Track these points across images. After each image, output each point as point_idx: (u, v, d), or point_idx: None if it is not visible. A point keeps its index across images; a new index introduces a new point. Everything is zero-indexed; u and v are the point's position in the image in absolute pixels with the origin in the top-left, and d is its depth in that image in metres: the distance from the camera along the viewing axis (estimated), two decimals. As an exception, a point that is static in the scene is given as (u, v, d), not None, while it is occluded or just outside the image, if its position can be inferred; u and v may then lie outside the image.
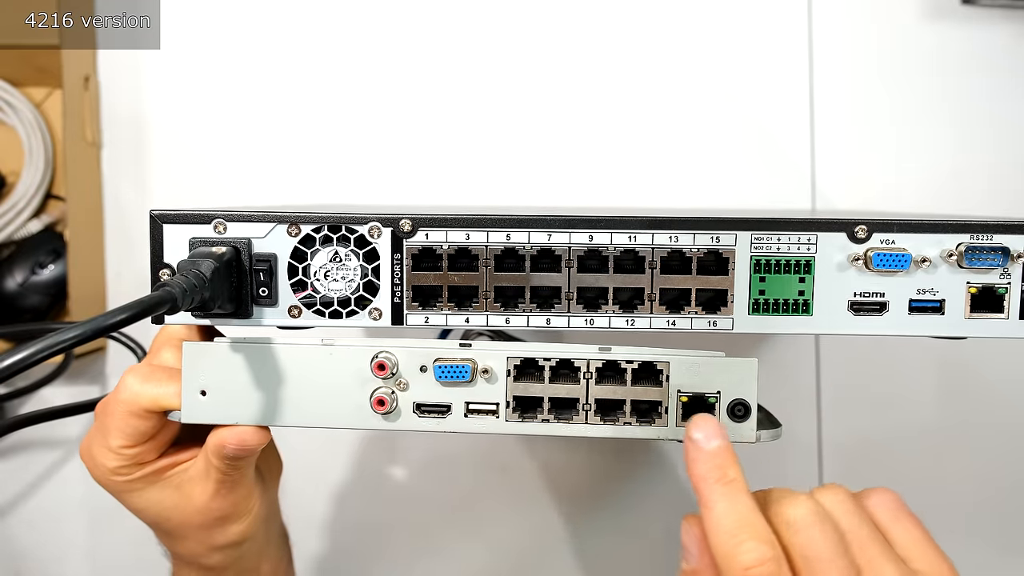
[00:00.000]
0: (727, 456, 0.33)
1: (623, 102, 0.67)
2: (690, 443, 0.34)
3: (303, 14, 0.68)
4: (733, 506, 0.33)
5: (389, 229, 0.37)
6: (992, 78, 0.67)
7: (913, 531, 0.36)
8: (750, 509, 0.33)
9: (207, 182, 0.68)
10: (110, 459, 0.39)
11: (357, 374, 0.37)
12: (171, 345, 0.40)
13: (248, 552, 0.44)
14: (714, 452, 0.33)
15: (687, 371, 0.37)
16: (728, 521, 0.32)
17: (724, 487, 0.33)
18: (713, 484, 0.33)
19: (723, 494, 0.33)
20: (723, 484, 0.33)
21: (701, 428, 0.34)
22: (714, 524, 0.33)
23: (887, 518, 0.36)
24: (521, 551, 0.70)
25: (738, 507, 0.32)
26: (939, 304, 0.37)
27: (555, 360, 0.37)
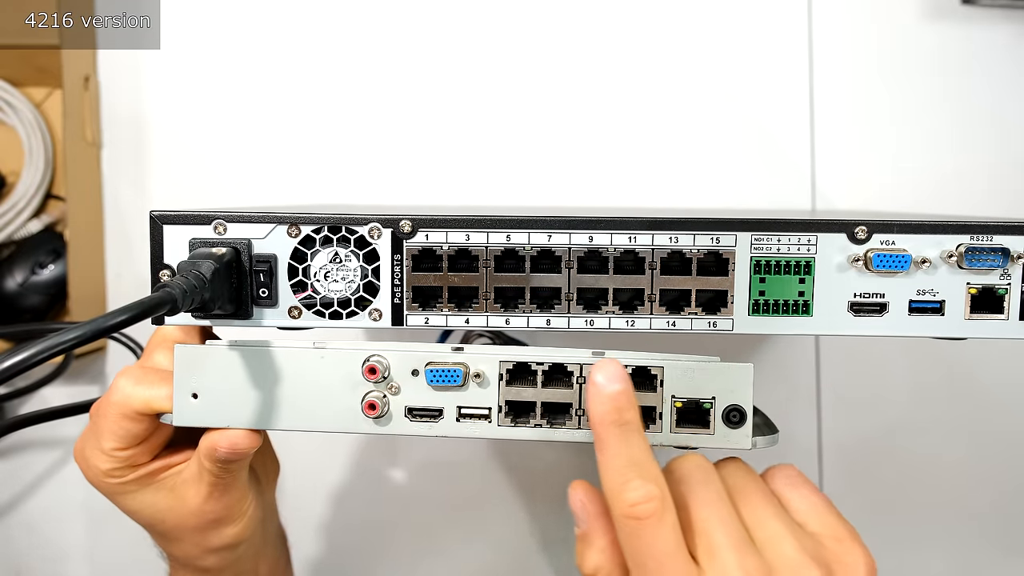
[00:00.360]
0: (625, 399, 0.33)
1: (623, 102, 0.67)
2: (592, 385, 0.34)
3: (303, 14, 0.68)
4: (625, 447, 0.33)
5: (389, 230, 0.37)
6: (992, 78, 0.67)
7: (810, 497, 0.36)
8: (642, 450, 0.33)
9: (207, 182, 0.68)
10: (103, 461, 0.39)
11: (348, 378, 0.37)
12: (164, 347, 0.40)
13: (245, 554, 0.44)
14: (613, 395, 0.33)
15: (681, 376, 0.36)
16: (619, 461, 0.33)
17: (618, 428, 0.33)
18: (608, 425, 0.33)
19: (617, 435, 0.33)
20: (618, 426, 0.33)
21: (603, 371, 0.34)
22: (606, 463, 0.33)
23: (784, 485, 0.37)
24: (521, 551, 0.70)
25: (630, 448, 0.33)
26: (939, 305, 0.37)
27: (548, 364, 0.37)
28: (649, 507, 0.32)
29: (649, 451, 0.33)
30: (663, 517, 0.32)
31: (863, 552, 0.35)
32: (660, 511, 0.32)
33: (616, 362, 0.34)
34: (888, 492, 0.68)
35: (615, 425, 0.33)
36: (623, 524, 0.32)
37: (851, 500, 0.68)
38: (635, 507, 0.32)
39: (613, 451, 0.33)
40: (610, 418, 0.33)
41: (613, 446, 0.33)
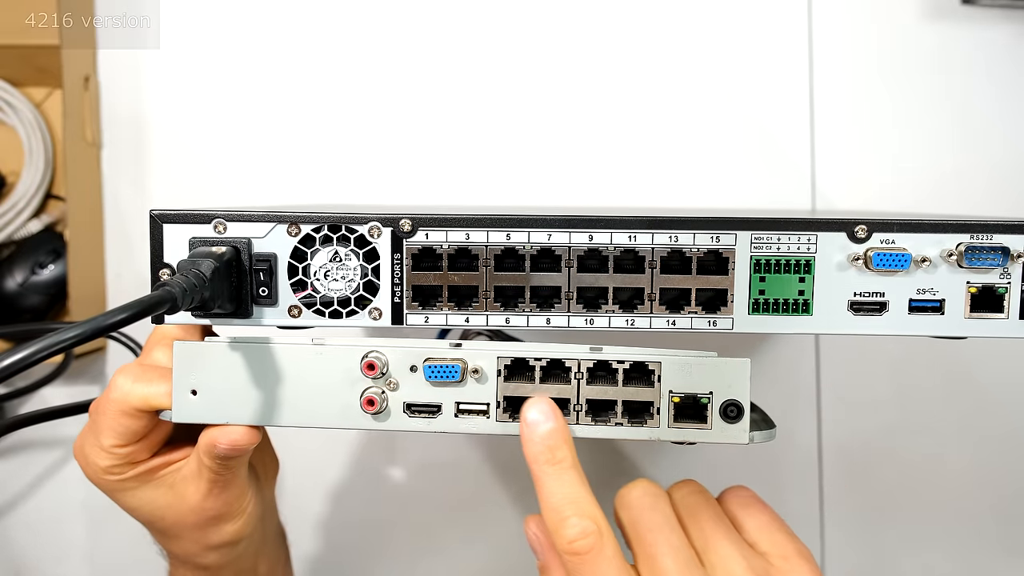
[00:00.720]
0: (557, 437, 0.35)
1: (623, 102, 0.67)
2: (524, 425, 0.35)
3: (303, 14, 0.68)
4: (560, 485, 0.34)
5: (389, 229, 0.37)
6: (992, 78, 0.67)
7: (761, 516, 0.37)
8: (576, 487, 0.34)
9: (207, 182, 0.68)
10: (102, 458, 0.39)
11: (347, 374, 0.37)
12: (163, 344, 0.40)
13: (244, 551, 0.44)
14: (545, 435, 0.35)
15: (679, 371, 0.37)
16: (555, 499, 0.34)
17: (552, 467, 0.34)
18: (543, 465, 0.34)
19: (551, 474, 0.34)
20: (551, 465, 0.34)
21: (534, 409, 0.35)
22: (544, 502, 0.34)
23: (736, 506, 0.38)
24: (520, 551, 0.70)
25: (564, 486, 0.34)
26: (939, 304, 0.37)
27: (546, 360, 0.37)
28: (587, 542, 0.33)
29: (584, 486, 0.34)
30: (602, 550, 0.33)
31: (810, 569, 0.35)
32: (599, 545, 0.33)
33: (546, 399, 0.35)
34: (888, 492, 0.68)
35: (548, 464, 0.34)
36: (566, 560, 0.34)
37: (851, 500, 0.68)
38: (573, 543, 0.33)
39: (549, 489, 0.34)
40: (543, 457, 0.34)
41: (548, 485, 0.34)
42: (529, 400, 0.35)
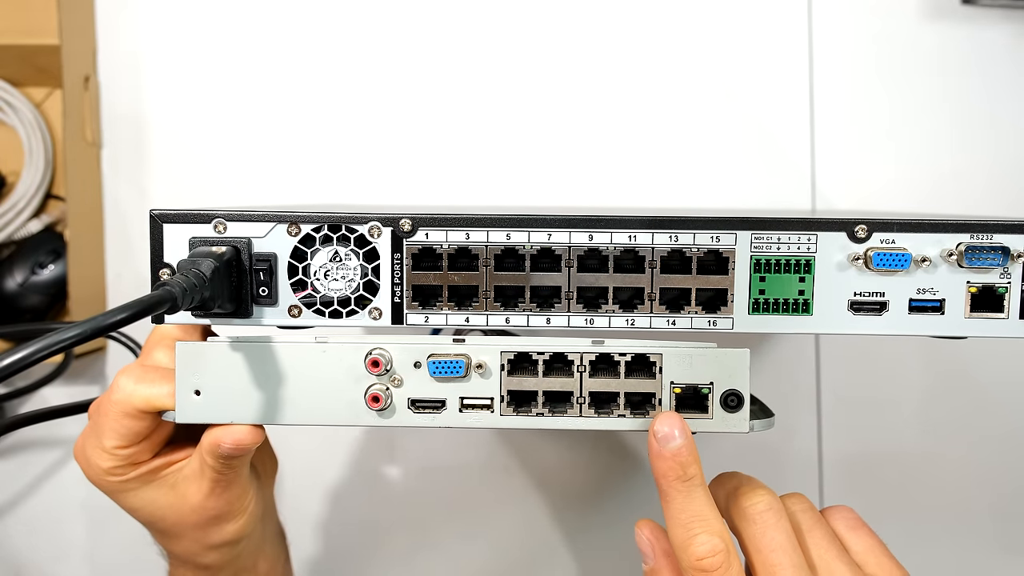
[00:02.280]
0: (687, 455, 0.35)
1: (623, 102, 0.67)
2: (653, 440, 0.36)
3: (303, 14, 0.68)
4: (689, 502, 0.35)
5: (389, 229, 0.37)
6: (992, 78, 0.67)
7: (867, 540, 0.39)
8: (705, 504, 0.35)
9: (207, 182, 0.68)
10: (104, 459, 0.39)
11: (351, 371, 0.37)
12: (164, 345, 0.40)
13: (244, 550, 0.44)
14: (675, 451, 0.35)
15: (680, 363, 0.37)
16: (684, 516, 0.35)
17: (683, 484, 0.35)
18: (673, 481, 0.35)
19: (681, 491, 0.35)
20: (682, 482, 0.35)
21: (665, 424, 0.35)
22: (672, 518, 0.35)
23: (844, 527, 0.39)
24: (519, 550, 0.70)
25: (694, 503, 0.35)
26: (939, 304, 0.37)
27: (548, 354, 0.37)
28: (715, 560, 0.34)
29: (712, 504, 0.35)
30: (728, 570, 0.34)
31: None
32: (726, 564, 0.34)
33: (677, 416, 0.36)
34: (888, 492, 0.68)
35: (679, 481, 0.35)
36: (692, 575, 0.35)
37: (851, 500, 0.68)
38: (702, 561, 0.34)
39: (678, 506, 0.35)
40: (674, 474, 0.35)
41: (678, 502, 0.35)
42: (660, 415, 0.36)
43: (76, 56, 0.65)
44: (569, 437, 0.69)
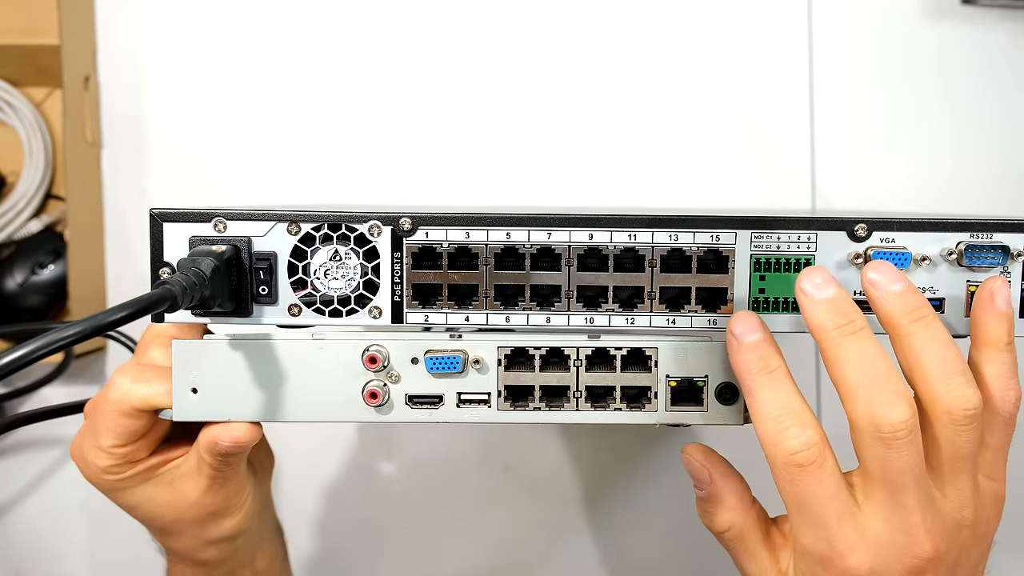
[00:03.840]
0: (768, 347, 0.34)
1: (623, 102, 0.67)
2: (731, 337, 0.34)
3: (303, 13, 0.68)
4: (777, 394, 0.33)
5: (389, 228, 0.37)
6: (992, 78, 0.67)
7: None
8: (794, 396, 0.33)
9: (207, 182, 0.68)
10: (101, 458, 0.39)
11: (349, 367, 0.37)
12: (159, 343, 0.40)
13: (242, 546, 0.44)
14: (754, 344, 0.34)
15: (675, 356, 0.37)
16: (772, 408, 0.33)
17: (767, 376, 0.33)
18: (756, 374, 0.33)
19: (766, 383, 0.33)
20: (765, 374, 0.33)
21: (741, 322, 0.34)
22: (758, 412, 0.33)
23: None
24: (519, 548, 0.70)
25: (781, 395, 0.33)
26: (939, 303, 0.37)
27: (545, 349, 0.37)
28: (810, 453, 0.32)
29: (801, 396, 0.33)
30: (824, 463, 0.32)
31: None
32: (821, 457, 0.32)
33: (752, 314, 0.35)
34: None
35: (763, 373, 0.33)
36: (784, 472, 0.32)
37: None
38: (796, 455, 0.32)
39: (764, 399, 0.33)
40: (756, 366, 0.33)
41: (763, 394, 0.33)
42: (735, 315, 0.35)
43: (76, 56, 0.65)
44: (569, 434, 0.69)
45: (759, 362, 0.33)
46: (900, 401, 0.31)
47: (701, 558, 0.69)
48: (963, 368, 0.32)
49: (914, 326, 0.33)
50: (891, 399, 0.31)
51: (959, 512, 0.33)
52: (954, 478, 0.33)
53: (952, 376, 0.32)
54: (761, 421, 0.33)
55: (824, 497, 0.32)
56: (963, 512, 0.33)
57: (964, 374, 0.32)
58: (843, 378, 0.32)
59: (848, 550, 0.32)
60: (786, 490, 0.33)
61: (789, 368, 0.34)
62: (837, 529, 0.32)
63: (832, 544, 0.32)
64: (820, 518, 0.32)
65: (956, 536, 0.33)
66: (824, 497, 0.32)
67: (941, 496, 0.33)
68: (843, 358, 0.32)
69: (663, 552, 0.69)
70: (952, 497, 0.33)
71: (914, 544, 0.32)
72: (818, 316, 0.33)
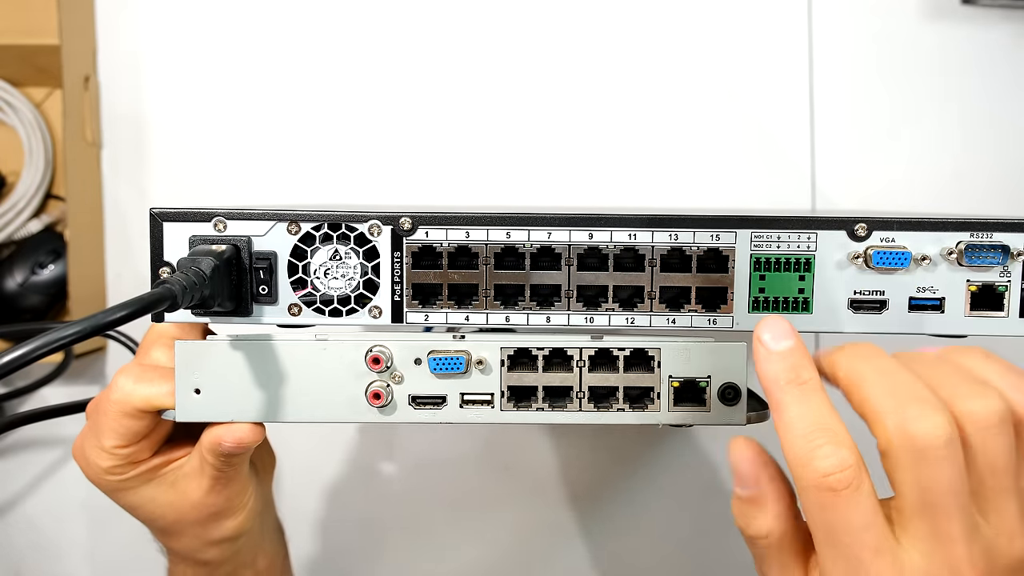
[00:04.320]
0: (800, 357, 0.31)
1: (623, 102, 0.67)
2: (759, 344, 0.31)
3: (303, 13, 0.68)
4: (808, 408, 0.30)
5: (389, 227, 0.37)
6: (992, 78, 0.67)
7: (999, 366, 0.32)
8: (827, 411, 0.30)
9: (207, 182, 0.68)
10: (103, 459, 0.39)
11: (352, 368, 0.37)
12: (161, 344, 0.40)
13: (244, 547, 0.44)
14: (785, 353, 0.31)
15: (678, 357, 0.37)
16: (803, 424, 0.30)
17: (797, 388, 0.30)
18: (785, 386, 0.30)
19: (796, 396, 0.30)
20: (796, 385, 0.30)
21: (770, 328, 0.31)
22: (787, 427, 0.30)
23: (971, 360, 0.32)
24: (518, 548, 0.70)
25: (813, 409, 0.30)
26: (939, 302, 0.37)
27: (548, 349, 0.37)
28: (845, 476, 0.28)
29: (834, 411, 0.30)
30: (860, 487, 0.29)
31: None
32: (857, 480, 0.29)
33: (782, 318, 0.32)
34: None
35: (793, 385, 0.30)
36: (814, 495, 0.29)
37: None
38: (828, 477, 0.28)
39: (794, 414, 0.30)
40: (786, 377, 0.30)
41: (793, 409, 0.30)
42: (763, 320, 0.32)
43: (76, 56, 0.65)
44: (570, 435, 0.69)
45: (789, 372, 0.31)
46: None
47: (701, 559, 0.69)
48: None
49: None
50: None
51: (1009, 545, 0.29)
52: None
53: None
54: (790, 438, 0.30)
55: (859, 527, 0.29)
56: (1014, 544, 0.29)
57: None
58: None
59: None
60: (815, 517, 0.29)
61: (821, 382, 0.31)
62: (872, 564, 0.29)
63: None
64: (853, 551, 0.29)
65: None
66: (859, 527, 0.29)
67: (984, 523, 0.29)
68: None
69: (663, 553, 0.69)
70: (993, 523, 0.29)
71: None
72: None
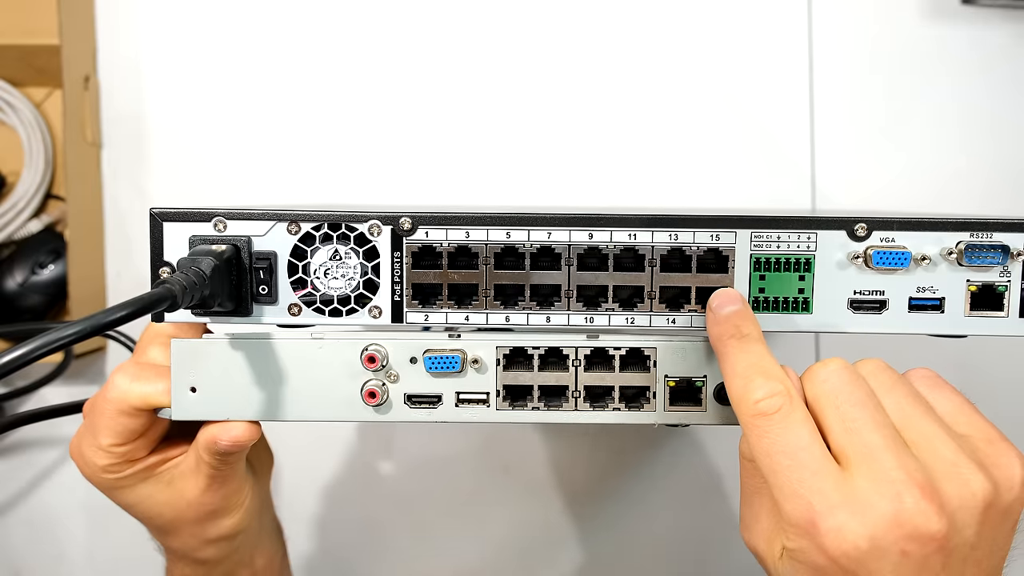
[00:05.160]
0: (742, 317, 0.34)
1: (623, 102, 0.67)
2: (709, 312, 0.35)
3: (303, 13, 0.68)
4: (746, 355, 0.33)
5: (389, 227, 0.37)
6: (992, 78, 0.67)
7: (954, 398, 0.35)
8: (763, 356, 0.33)
9: (207, 182, 0.68)
10: (100, 457, 0.39)
11: (347, 367, 0.37)
12: (158, 342, 0.40)
13: (242, 545, 0.44)
14: (728, 315, 0.34)
15: (673, 356, 0.37)
16: (740, 366, 0.33)
17: (737, 340, 0.33)
18: (727, 339, 0.34)
19: (736, 347, 0.33)
20: (736, 339, 0.33)
21: (718, 297, 0.35)
22: (728, 374, 0.33)
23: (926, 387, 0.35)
24: (518, 548, 0.70)
25: (751, 355, 0.33)
26: (939, 302, 0.37)
27: (544, 349, 0.38)
28: (775, 402, 0.31)
29: (772, 357, 0.33)
30: (791, 412, 0.31)
31: (1017, 453, 0.33)
32: (788, 407, 0.31)
33: (732, 290, 0.36)
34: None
35: (734, 338, 0.34)
36: (751, 427, 0.31)
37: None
38: (759, 403, 0.31)
39: (733, 360, 0.33)
40: (728, 333, 0.34)
41: (733, 356, 0.33)
42: (717, 291, 0.36)
43: (76, 56, 0.65)
44: (568, 435, 0.69)
45: (731, 329, 0.34)
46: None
47: (700, 558, 0.69)
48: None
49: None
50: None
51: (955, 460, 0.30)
52: None
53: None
54: (731, 380, 0.33)
55: (795, 447, 0.30)
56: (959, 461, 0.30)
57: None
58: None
59: (828, 509, 0.29)
60: (755, 447, 0.31)
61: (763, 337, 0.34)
62: (813, 482, 0.30)
63: (811, 504, 0.29)
64: (794, 472, 0.30)
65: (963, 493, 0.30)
66: (795, 447, 0.30)
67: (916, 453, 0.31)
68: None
69: (662, 553, 0.69)
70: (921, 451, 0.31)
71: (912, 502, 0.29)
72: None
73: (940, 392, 0.35)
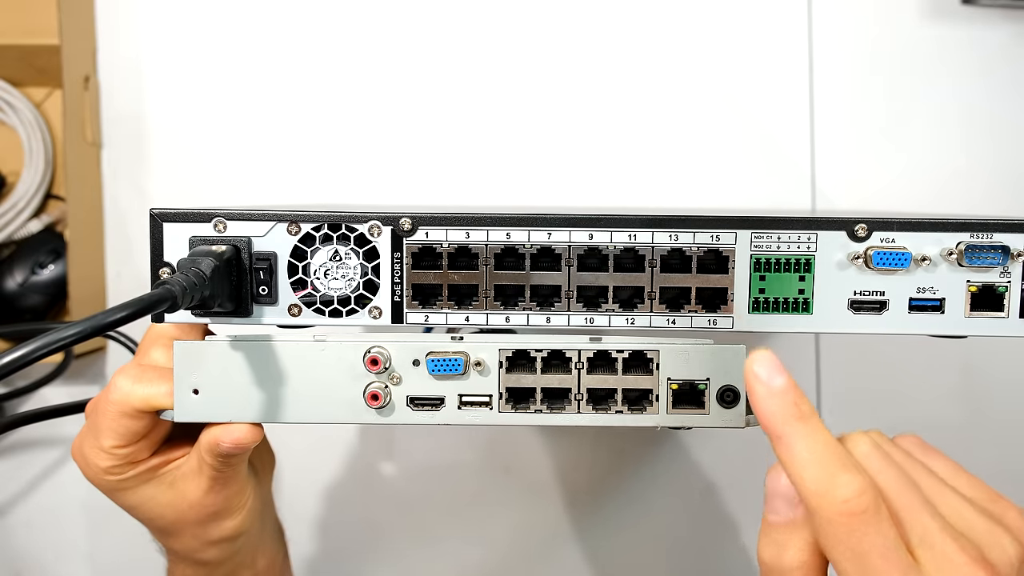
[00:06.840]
0: (797, 391, 0.31)
1: (624, 102, 0.67)
2: (755, 379, 0.31)
3: (303, 13, 0.68)
4: (816, 441, 0.30)
5: (389, 228, 0.37)
6: (992, 79, 0.67)
7: (948, 462, 0.35)
8: (834, 443, 0.30)
9: (207, 182, 0.68)
10: (102, 459, 0.39)
11: (350, 369, 0.37)
12: (160, 344, 0.40)
13: (243, 546, 0.44)
14: (783, 388, 0.31)
15: (677, 359, 0.37)
16: (815, 456, 0.30)
17: (802, 424, 0.30)
18: (792, 421, 0.30)
19: (802, 431, 0.30)
20: (801, 421, 0.30)
21: (762, 363, 0.31)
22: (800, 463, 0.30)
23: (919, 455, 0.35)
24: (520, 550, 0.69)
25: (821, 441, 0.30)
26: (939, 303, 0.37)
27: (547, 351, 0.37)
28: (863, 500, 0.29)
29: (838, 442, 0.31)
30: (880, 509, 0.29)
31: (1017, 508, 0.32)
32: (875, 505, 0.29)
33: (770, 353, 0.32)
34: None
35: (798, 420, 0.31)
36: (839, 523, 0.29)
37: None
38: (851, 502, 0.29)
39: (804, 447, 0.30)
40: (790, 413, 0.31)
41: (801, 443, 0.30)
42: (752, 355, 0.31)
43: (76, 56, 0.65)
44: (569, 436, 0.69)
45: (791, 408, 0.31)
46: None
47: (700, 559, 0.69)
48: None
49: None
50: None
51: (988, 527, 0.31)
52: None
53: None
54: (804, 471, 0.30)
55: (889, 547, 0.29)
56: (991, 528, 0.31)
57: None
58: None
59: None
60: (842, 545, 0.29)
61: None
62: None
63: None
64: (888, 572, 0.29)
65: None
66: (889, 547, 0.29)
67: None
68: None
69: (663, 553, 0.69)
70: None
71: None
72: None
73: (935, 459, 0.35)
